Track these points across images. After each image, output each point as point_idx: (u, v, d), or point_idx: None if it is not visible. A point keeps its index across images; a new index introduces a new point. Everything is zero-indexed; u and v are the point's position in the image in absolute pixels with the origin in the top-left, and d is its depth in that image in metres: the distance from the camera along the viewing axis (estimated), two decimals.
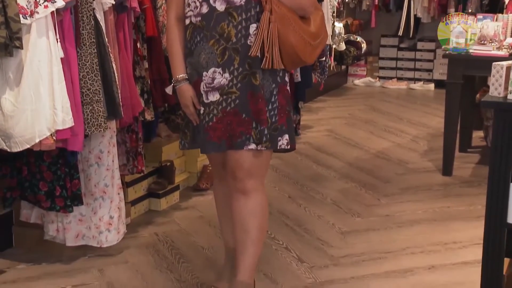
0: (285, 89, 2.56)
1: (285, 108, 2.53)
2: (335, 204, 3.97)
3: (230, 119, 2.48)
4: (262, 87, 2.47)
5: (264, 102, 2.47)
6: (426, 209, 3.89)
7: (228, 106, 2.47)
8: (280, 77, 2.53)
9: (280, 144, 2.51)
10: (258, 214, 2.55)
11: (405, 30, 7.46)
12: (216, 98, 2.48)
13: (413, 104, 6.86)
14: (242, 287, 2.56)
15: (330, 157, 4.93)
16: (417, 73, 7.80)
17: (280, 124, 2.50)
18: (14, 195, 3.11)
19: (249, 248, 2.55)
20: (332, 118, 6.19)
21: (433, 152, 5.03)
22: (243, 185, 2.51)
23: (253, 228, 2.54)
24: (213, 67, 2.46)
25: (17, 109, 2.66)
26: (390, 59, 7.91)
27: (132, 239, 3.38)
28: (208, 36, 2.45)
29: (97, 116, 2.87)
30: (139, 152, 3.42)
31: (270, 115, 2.48)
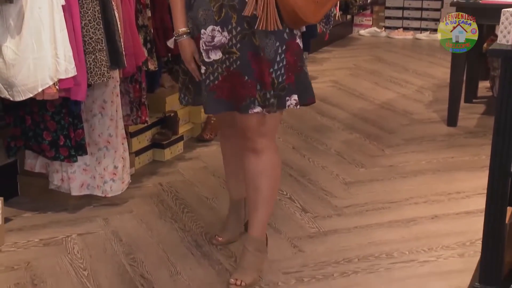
0: (294, 45, 2.40)
1: (294, 66, 2.41)
2: (339, 154, 3.97)
3: (234, 80, 2.40)
4: (264, 47, 2.34)
5: (267, 63, 2.35)
6: (430, 160, 3.89)
7: (231, 66, 2.39)
8: (287, 33, 2.38)
9: (288, 104, 2.41)
10: (269, 173, 2.51)
11: None
12: (219, 56, 2.39)
13: (419, 55, 6.79)
14: (253, 242, 2.56)
15: (334, 108, 4.91)
16: (424, 23, 7.70)
17: (288, 83, 2.40)
18: (18, 144, 3.12)
19: (260, 207, 2.54)
20: (337, 69, 6.14)
21: (438, 102, 5.00)
22: (254, 145, 2.47)
23: (264, 188, 2.51)
24: (212, 25, 2.37)
25: (19, 57, 2.63)
26: (396, 9, 7.80)
27: (136, 189, 3.40)
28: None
29: (100, 65, 2.85)
30: (143, 102, 3.40)
31: (277, 75, 2.37)
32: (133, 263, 2.70)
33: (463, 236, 2.95)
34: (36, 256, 2.75)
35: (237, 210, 2.84)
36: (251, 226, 2.58)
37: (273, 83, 2.37)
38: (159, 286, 2.54)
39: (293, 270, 2.67)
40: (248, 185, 2.55)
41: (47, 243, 2.86)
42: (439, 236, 2.96)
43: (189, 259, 2.74)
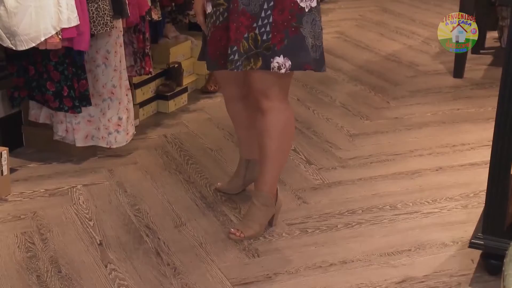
0: (287, 3, 2.26)
1: (283, 25, 2.27)
2: (343, 106, 3.95)
3: (220, 35, 2.33)
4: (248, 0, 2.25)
5: (252, 17, 2.25)
6: (436, 112, 3.87)
7: (217, 20, 2.33)
8: None
9: (272, 67, 2.30)
10: (274, 135, 2.45)
11: None
12: (210, 9, 2.35)
13: (426, 5, 6.68)
14: (259, 197, 2.56)
15: (339, 59, 4.86)
16: None
17: (273, 43, 2.28)
18: (22, 94, 3.11)
19: (265, 164, 2.52)
20: (342, 20, 6.06)
21: (444, 54, 4.94)
22: (259, 103, 2.43)
23: (267, 147, 2.47)
24: None
25: (21, 6, 2.59)
26: None
27: (141, 141, 3.40)
28: None
29: (103, 14, 2.81)
30: (147, 53, 3.37)
31: (260, 32, 2.27)
32: (138, 214, 2.72)
33: (467, 187, 2.95)
34: (42, 206, 2.77)
35: (241, 167, 2.83)
36: (258, 181, 2.58)
37: (256, 39, 2.28)
38: (164, 236, 2.56)
39: (297, 221, 2.68)
40: (258, 141, 2.54)
41: (52, 194, 2.88)
42: (443, 187, 2.96)
43: (194, 210, 2.76)
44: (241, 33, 2.28)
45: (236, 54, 2.29)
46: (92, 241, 2.53)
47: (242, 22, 2.27)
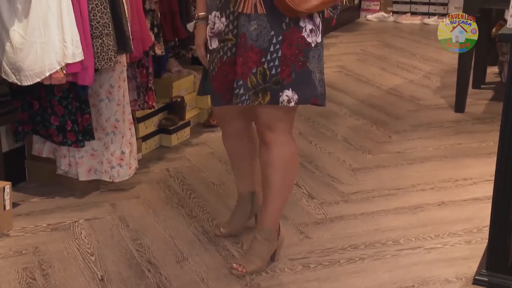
0: (296, 37, 2.28)
1: (290, 60, 2.28)
2: (345, 140, 3.96)
3: (227, 70, 2.34)
4: (257, 35, 2.27)
5: (261, 52, 2.27)
6: (437, 146, 3.88)
7: (225, 55, 2.34)
8: (286, 24, 2.27)
9: (281, 101, 2.31)
10: (278, 168, 2.44)
11: None
12: (216, 45, 2.37)
13: (426, 40, 6.74)
14: (262, 231, 2.55)
15: (341, 93, 4.89)
16: (432, 8, 7.64)
17: (282, 77, 2.30)
18: (26, 129, 3.12)
19: (270, 198, 2.51)
20: (344, 54, 6.11)
21: (446, 88, 4.98)
22: (263, 137, 2.44)
23: (272, 181, 2.46)
24: (214, 11, 2.36)
25: (26, 42, 2.63)
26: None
27: (143, 175, 3.40)
28: None
29: (107, 49, 2.84)
30: (150, 87, 3.40)
31: (269, 67, 2.28)
32: (140, 249, 2.71)
33: (470, 223, 2.94)
34: (44, 241, 2.76)
35: (243, 204, 2.79)
36: (262, 215, 2.57)
37: (265, 74, 2.29)
38: (166, 271, 2.55)
39: (300, 256, 2.67)
40: (261, 175, 2.54)
41: (54, 228, 2.87)
42: (446, 223, 2.96)
43: (196, 245, 2.75)
44: (250, 68, 2.29)
45: (242, 88, 2.30)
46: (94, 276, 2.51)
47: (250, 57, 2.28)
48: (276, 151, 2.43)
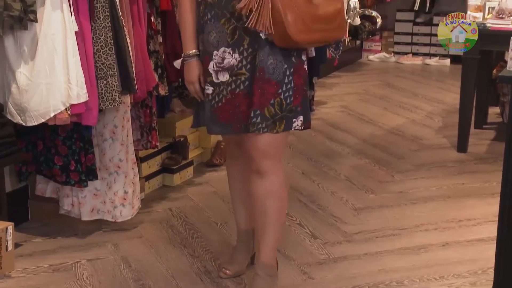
0: (302, 69, 2.48)
1: (301, 89, 2.47)
2: (348, 180, 3.96)
3: (239, 101, 2.44)
4: (273, 68, 2.40)
5: (277, 84, 2.40)
6: (440, 186, 3.87)
7: (237, 88, 2.43)
8: (295, 57, 2.45)
9: (294, 126, 2.47)
10: (275, 196, 2.51)
11: (421, 5, 7.35)
12: (226, 78, 2.44)
13: (428, 80, 6.80)
14: (263, 267, 2.55)
15: (344, 133, 4.91)
16: (433, 48, 7.71)
17: (295, 105, 2.45)
18: (29, 169, 3.13)
19: (269, 230, 2.53)
20: (346, 94, 6.15)
21: (448, 128, 4.99)
22: (259, 166, 2.48)
23: (271, 210, 2.51)
24: (223, 47, 2.42)
25: (32, 83, 2.66)
26: (406, 34, 7.81)
27: (146, 214, 3.40)
28: (219, 14, 2.40)
29: (112, 90, 2.87)
30: (153, 127, 3.42)
31: (285, 97, 2.42)
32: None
33: (475, 264, 2.92)
34: (45, 282, 2.75)
35: (246, 241, 2.79)
36: (261, 251, 2.57)
37: (281, 104, 2.42)
38: None
39: None
40: (255, 208, 2.55)
41: (56, 269, 2.86)
42: (450, 264, 2.93)
43: (198, 286, 2.73)
44: (267, 100, 2.41)
45: (259, 117, 2.41)
46: None
47: (268, 89, 2.41)
48: (273, 179, 2.50)
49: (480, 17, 4.25)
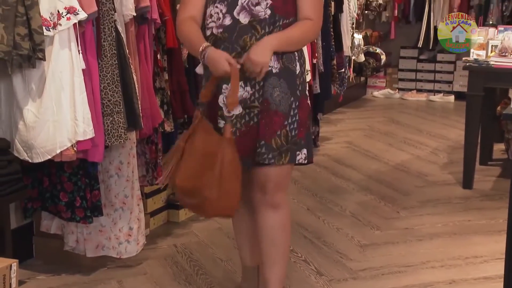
0: (306, 103, 2.53)
1: (305, 122, 2.51)
2: (354, 216, 3.95)
3: (253, 134, 2.47)
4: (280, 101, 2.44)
5: (283, 116, 2.44)
6: (446, 223, 3.85)
7: (251, 121, 2.46)
8: (300, 91, 2.50)
9: (298, 159, 2.49)
10: (287, 227, 2.57)
11: (424, 42, 7.43)
12: (239, 111, 2.46)
13: (432, 116, 6.82)
14: None
15: (348, 169, 4.91)
16: (437, 85, 7.76)
17: (299, 138, 2.48)
18: (35, 205, 3.13)
19: (279, 262, 2.54)
20: (351, 130, 6.17)
21: (453, 164, 4.99)
22: (272, 199, 2.51)
23: (282, 242, 2.55)
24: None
25: (39, 120, 2.68)
26: (410, 71, 7.88)
27: (151, 251, 3.38)
28: (230, 48, 2.43)
29: (118, 127, 2.89)
30: (159, 163, 3.43)
31: (290, 129, 2.46)
32: None
33: None
34: None
35: (251, 278, 2.78)
36: (270, 283, 2.56)
37: (287, 136, 2.45)
38: None
39: None
40: (265, 241, 2.55)
41: None
42: None
43: None
44: (274, 131, 2.44)
45: (264, 147, 2.44)
46: None
47: (275, 121, 2.44)
48: (285, 211, 2.55)
49: (483, 55, 4.29)
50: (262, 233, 2.56)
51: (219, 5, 2.44)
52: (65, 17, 2.64)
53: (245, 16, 2.41)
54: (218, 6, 2.45)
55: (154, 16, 3.14)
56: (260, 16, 2.41)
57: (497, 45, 4.28)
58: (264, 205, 2.52)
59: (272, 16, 2.41)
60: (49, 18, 2.61)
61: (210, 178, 2.34)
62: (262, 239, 2.57)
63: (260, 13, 2.40)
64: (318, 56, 4.87)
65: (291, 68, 2.47)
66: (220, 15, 2.44)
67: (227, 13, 2.43)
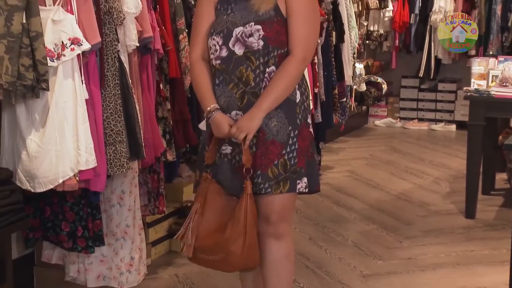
0: (307, 131, 2.52)
1: (305, 151, 2.50)
2: (356, 246, 3.93)
3: (252, 164, 2.47)
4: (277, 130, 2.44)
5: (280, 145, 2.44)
6: (449, 253, 3.83)
7: (251, 149, 2.47)
8: (300, 120, 2.50)
9: (299, 188, 2.48)
10: (291, 258, 2.56)
11: (425, 71, 7.47)
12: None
13: (434, 145, 6.83)
14: None
15: (351, 198, 4.90)
16: (438, 114, 7.78)
17: (299, 167, 2.47)
18: (36, 235, 3.12)
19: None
20: (353, 159, 6.17)
21: (455, 194, 4.98)
22: (276, 229, 2.51)
23: (286, 272, 2.54)
24: (235, 110, 2.48)
25: (42, 150, 2.68)
26: (411, 100, 7.90)
27: (152, 280, 3.37)
28: (228, 79, 2.46)
29: (120, 156, 2.89)
30: (161, 192, 3.43)
31: (289, 158, 2.46)
32: None
33: None
34: None
35: None
36: None
37: (285, 165, 2.45)
38: None
39: None
40: (269, 271, 2.54)
41: None
42: None
43: None
44: (271, 160, 2.44)
45: (260, 177, 2.44)
46: None
47: (271, 150, 2.44)
48: (289, 241, 2.54)
49: (484, 85, 4.31)
50: (265, 264, 2.54)
51: (215, 37, 2.48)
52: (69, 47, 2.67)
53: (240, 47, 2.44)
54: (215, 38, 2.48)
55: (157, 47, 3.17)
56: (253, 47, 2.43)
57: (498, 75, 4.31)
58: (268, 236, 2.52)
59: (266, 47, 2.44)
60: (53, 49, 2.64)
61: (234, 232, 2.40)
62: (265, 270, 2.55)
63: (254, 44, 2.43)
64: (319, 85, 4.89)
65: (290, 97, 2.48)
66: (217, 46, 2.47)
67: (223, 45, 2.46)
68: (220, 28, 2.47)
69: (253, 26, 2.43)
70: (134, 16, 2.96)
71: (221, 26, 2.47)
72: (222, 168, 2.52)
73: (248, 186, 2.42)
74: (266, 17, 2.44)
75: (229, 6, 2.49)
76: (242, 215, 2.39)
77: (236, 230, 2.39)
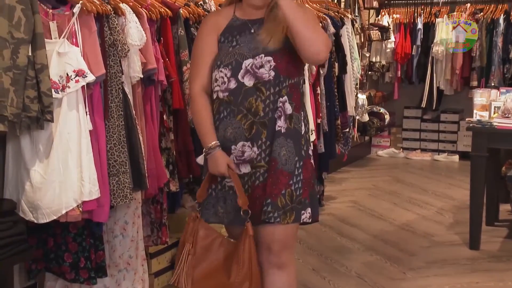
0: (309, 163, 2.55)
1: (309, 182, 2.52)
2: (359, 277, 3.90)
3: (259, 193, 2.49)
4: (286, 160, 2.47)
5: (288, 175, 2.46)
6: (454, 284, 3.81)
7: (257, 180, 2.49)
8: (304, 151, 2.53)
9: (303, 218, 2.50)
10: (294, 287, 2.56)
11: (428, 102, 7.51)
12: (248, 170, 2.50)
13: (437, 176, 6.82)
14: None
15: (354, 228, 4.88)
16: (441, 145, 7.79)
17: (304, 197, 2.49)
18: (39, 267, 3.11)
19: None
20: (356, 189, 6.16)
21: (459, 225, 4.96)
22: (279, 259, 2.51)
23: None
24: (242, 141, 2.49)
25: (46, 181, 2.69)
26: (414, 131, 7.92)
27: None
28: (236, 111, 2.47)
29: (123, 187, 2.90)
30: (164, 223, 3.42)
31: (295, 188, 2.48)
32: None
33: None
34: None
35: None
36: None
37: (292, 195, 2.46)
38: None
39: None
40: None
41: None
42: None
43: None
44: (280, 190, 2.45)
45: (270, 206, 2.44)
46: None
47: (280, 180, 2.45)
48: (291, 271, 2.55)
49: (486, 116, 4.32)
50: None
51: (223, 70, 2.49)
52: (74, 79, 2.69)
53: (250, 79, 2.46)
54: (222, 71, 2.49)
55: (161, 78, 3.19)
56: (264, 78, 2.45)
57: (500, 107, 4.32)
58: (270, 265, 2.52)
59: (277, 77, 2.46)
60: (58, 81, 2.66)
61: (239, 275, 2.41)
62: None
63: (264, 75, 2.45)
64: (322, 116, 4.92)
65: (297, 128, 2.51)
66: (225, 79, 2.48)
67: (232, 77, 2.47)
68: (228, 60, 2.48)
69: (264, 58, 2.45)
70: (138, 48, 2.99)
71: (229, 58, 2.48)
72: (226, 200, 2.53)
73: (249, 227, 2.43)
74: (276, 49, 2.46)
75: (234, 38, 2.51)
76: (246, 257, 2.41)
77: (242, 273, 2.41)
